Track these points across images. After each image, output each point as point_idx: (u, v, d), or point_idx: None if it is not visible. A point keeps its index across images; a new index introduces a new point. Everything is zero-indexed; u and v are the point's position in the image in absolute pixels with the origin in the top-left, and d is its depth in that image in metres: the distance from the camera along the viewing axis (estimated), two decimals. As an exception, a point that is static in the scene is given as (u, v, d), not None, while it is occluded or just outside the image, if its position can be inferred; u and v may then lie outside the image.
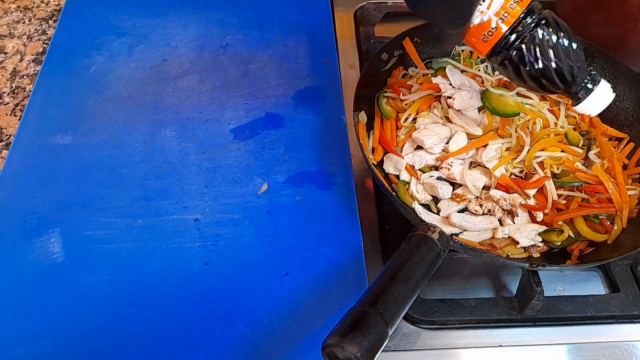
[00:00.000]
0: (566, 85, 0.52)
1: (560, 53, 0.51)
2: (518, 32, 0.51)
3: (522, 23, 0.51)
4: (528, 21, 0.50)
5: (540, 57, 0.51)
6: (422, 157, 0.69)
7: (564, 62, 0.51)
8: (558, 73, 0.51)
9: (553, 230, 0.64)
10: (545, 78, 0.52)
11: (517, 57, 0.51)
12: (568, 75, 0.51)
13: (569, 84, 0.52)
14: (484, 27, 0.51)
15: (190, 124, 0.78)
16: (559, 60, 0.51)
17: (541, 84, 0.53)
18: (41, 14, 0.97)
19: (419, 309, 0.60)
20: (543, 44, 0.50)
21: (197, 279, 0.62)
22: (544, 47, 0.50)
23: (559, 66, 0.51)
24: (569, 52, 0.51)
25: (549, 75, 0.51)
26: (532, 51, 0.51)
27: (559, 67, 0.51)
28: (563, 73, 0.51)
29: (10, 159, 0.72)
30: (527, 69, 0.52)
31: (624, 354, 0.60)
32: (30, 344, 0.57)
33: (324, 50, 0.89)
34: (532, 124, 0.71)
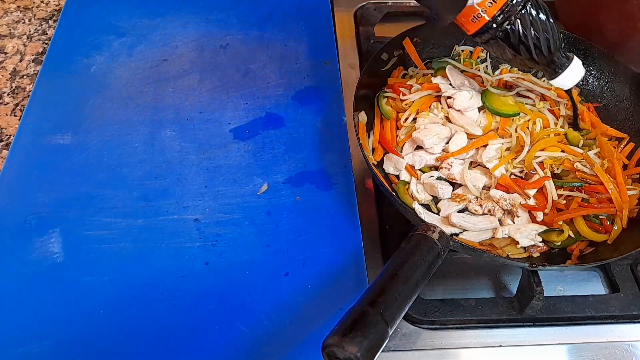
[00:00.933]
0: (543, 59, 0.58)
1: (540, 29, 0.56)
2: (505, 12, 0.55)
3: (509, 4, 0.55)
4: (514, 2, 0.55)
5: (522, 34, 0.56)
6: (422, 157, 0.69)
7: (543, 37, 0.57)
8: (537, 47, 0.57)
9: (553, 230, 0.64)
10: (526, 52, 0.58)
11: (502, 35, 0.57)
12: (545, 50, 0.57)
13: (546, 58, 0.58)
14: (475, 9, 0.56)
15: (190, 124, 0.78)
16: (538, 35, 0.56)
17: (522, 58, 0.59)
18: (41, 14, 0.97)
19: (419, 309, 0.60)
20: (526, 22, 0.56)
21: (197, 279, 0.62)
22: (526, 24, 0.56)
23: (539, 40, 0.57)
24: (547, 29, 0.56)
25: (530, 50, 0.57)
26: (516, 29, 0.56)
27: (538, 42, 0.57)
28: (541, 47, 0.57)
29: (10, 159, 0.72)
30: (511, 45, 0.57)
31: (623, 354, 0.60)
32: (30, 344, 0.57)
33: (324, 50, 0.89)
34: (532, 124, 0.71)
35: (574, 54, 0.61)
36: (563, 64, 0.60)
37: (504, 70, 0.81)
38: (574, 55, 0.61)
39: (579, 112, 0.75)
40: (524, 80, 0.76)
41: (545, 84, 0.78)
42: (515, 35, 0.56)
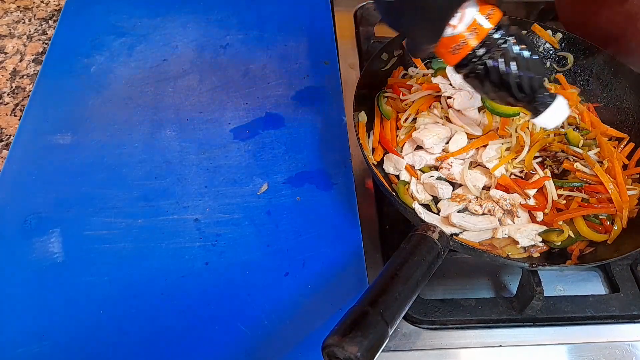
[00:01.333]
0: (526, 97, 0.55)
1: (523, 66, 0.53)
2: (487, 46, 0.52)
3: (491, 38, 0.52)
4: (496, 36, 0.52)
5: (504, 70, 0.53)
6: (422, 157, 0.69)
7: (525, 75, 0.53)
8: (519, 85, 0.53)
9: (553, 230, 0.64)
10: (507, 90, 0.54)
11: (483, 69, 0.53)
12: (528, 87, 0.54)
13: (529, 96, 0.55)
14: (455, 39, 0.53)
15: (190, 124, 0.78)
16: (521, 73, 0.53)
17: (504, 95, 0.55)
18: (41, 14, 0.97)
19: (419, 309, 0.60)
20: (508, 58, 0.52)
21: (197, 279, 0.62)
22: (508, 60, 0.52)
23: (521, 78, 0.53)
24: (530, 65, 0.53)
25: (512, 87, 0.54)
26: (498, 64, 0.53)
27: (521, 80, 0.53)
28: (523, 85, 0.53)
29: (10, 159, 0.72)
30: (492, 81, 0.54)
31: (623, 354, 0.60)
32: (30, 344, 0.57)
33: (324, 50, 0.89)
34: (532, 124, 0.71)
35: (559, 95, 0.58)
36: (546, 103, 0.56)
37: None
38: (557, 94, 0.57)
39: (578, 112, 0.75)
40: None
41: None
42: (496, 71, 0.53)
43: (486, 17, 0.52)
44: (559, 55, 0.82)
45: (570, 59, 0.81)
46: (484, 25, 0.52)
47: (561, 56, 0.81)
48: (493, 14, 0.52)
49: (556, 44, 0.81)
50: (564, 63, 0.81)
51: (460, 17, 0.51)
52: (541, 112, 0.56)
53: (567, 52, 0.81)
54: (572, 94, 0.77)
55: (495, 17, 0.52)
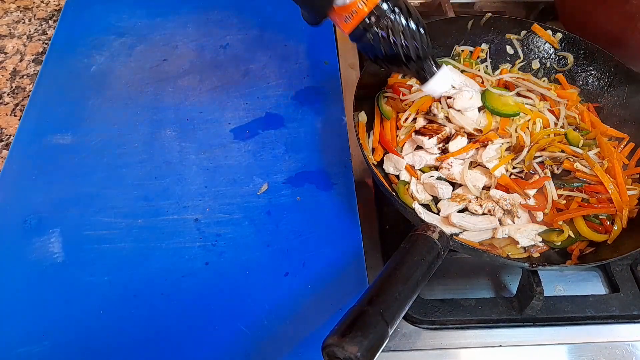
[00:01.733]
0: (413, 65, 0.61)
1: (409, 36, 0.59)
2: (376, 15, 0.58)
3: (380, 8, 0.58)
4: (384, 7, 0.58)
5: (392, 39, 0.58)
6: (422, 157, 0.69)
7: (411, 44, 0.59)
8: (405, 54, 0.59)
9: (553, 230, 0.64)
10: (395, 58, 0.60)
11: (374, 38, 0.59)
12: (414, 55, 0.60)
13: (416, 64, 0.61)
14: (346, 9, 0.58)
15: (190, 124, 0.78)
16: (407, 42, 0.59)
17: (393, 63, 0.61)
18: (41, 14, 0.97)
19: (419, 309, 0.60)
20: (395, 27, 0.58)
21: (197, 279, 0.62)
22: (395, 30, 0.58)
23: (407, 47, 0.59)
24: (416, 36, 0.59)
25: (399, 56, 0.60)
26: (386, 33, 0.58)
27: (407, 48, 0.59)
28: (410, 54, 0.59)
29: (10, 159, 0.72)
30: (382, 49, 0.59)
31: (623, 354, 0.60)
32: (30, 344, 0.57)
33: (324, 50, 0.89)
34: (532, 124, 0.71)
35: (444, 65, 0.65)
36: (432, 71, 0.63)
37: (504, 70, 0.81)
38: (444, 65, 0.64)
39: (578, 112, 0.75)
40: (524, 81, 0.77)
41: (545, 84, 0.79)
42: (386, 41, 0.58)
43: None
44: (559, 55, 0.82)
45: (570, 59, 0.81)
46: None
47: (561, 56, 0.82)
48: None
49: (556, 44, 0.81)
50: (564, 63, 0.81)
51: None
52: (428, 80, 0.63)
53: (567, 52, 0.81)
54: (572, 94, 0.77)
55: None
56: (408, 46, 0.59)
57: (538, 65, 0.83)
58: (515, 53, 0.83)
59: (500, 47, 0.83)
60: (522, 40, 0.83)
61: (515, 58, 0.83)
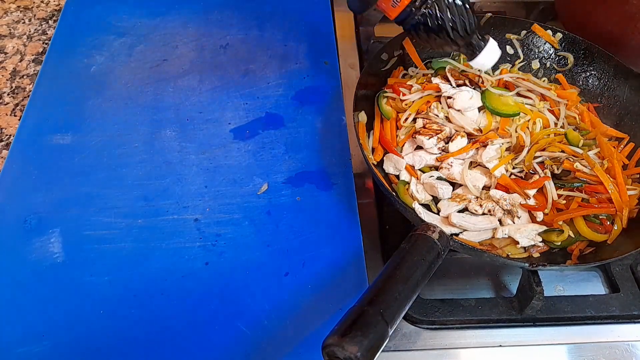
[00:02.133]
0: (461, 41, 0.62)
1: (456, 13, 0.60)
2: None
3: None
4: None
5: (440, 17, 0.60)
6: (422, 157, 0.69)
7: (459, 20, 0.61)
8: (454, 30, 0.61)
9: (553, 230, 0.64)
10: (445, 34, 0.62)
11: (421, 19, 0.61)
12: (462, 32, 0.61)
13: (463, 40, 0.62)
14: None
15: (190, 124, 0.78)
16: (454, 18, 0.60)
17: (441, 41, 0.63)
18: (41, 14, 0.97)
19: (419, 309, 0.60)
20: (442, 7, 0.60)
21: (197, 279, 0.62)
22: (442, 8, 0.60)
23: (455, 23, 0.61)
24: (463, 12, 0.61)
25: (447, 32, 0.61)
26: (434, 12, 0.60)
27: (455, 25, 0.61)
28: (458, 30, 0.61)
29: (10, 159, 0.72)
30: (430, 26, 0.61)
31: (623, 354, 0.60)
32: (30, 344, 0.57)
33: (324, 50, 0.89)
34: (532, 124, 0.71)
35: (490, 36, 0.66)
36: (480, 45, 0.64)
37: (504, 70, 0.81)
38: (490, 37, 0.66)
39: (578, 112, 0.75)
40: (524, 81, 0.77)
41: (545, 84, 0.79)
42: (433, 19, 0.60)
43: None
44: (559, 55, 0.82)
45: (570, 59, 0.81)
46: None
47: (561, 56, 0.82)
48: None
49: (556, 44, 0.81)
50: (564, 63, 0.81)
51: None
52: (477, 54, 0.64)
53: (567, 52, 0.81)
54: (572, 94, 0.77)
55: None
56: (456, 22, 0.60)
57: (538, 65, 0.83)
58: (515, 53, 0.83)
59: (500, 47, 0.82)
60: (522, 40, 0.83)
61: (515, 58, 0.83)
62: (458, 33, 0.61)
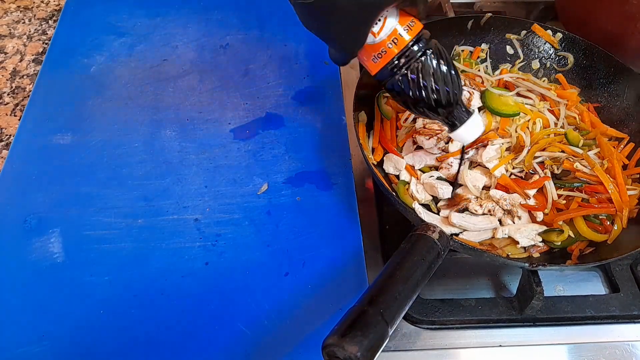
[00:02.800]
0: (442, 111, 0.56)
1: (440, 80, 0.54)
2: (406, 57, 0.53)
3: (410, 50, 0.53)
4: (415, 49, 0.53)
5: (422, 83, 0.53)
6: (422, 157, 0.69)
7: (442, 89, 0.54)
8: (436, 99, 0.54)
9: (553, 230, 0.64)
10: (425, 103, 0.55)
11: (403, 81, 0.54)
12: (445, 101, 0.54)
13: (446, 111, 0.55)
14: (375, 48, 0.54)
15: (190, 124, 0.78)
16: (438, 87, 0.54)
17: (421, 108, 0.56)
18: (41, 14, 0.97)
19: (419, 309, 0.60)
20: (426, 71, 0.53)
21: (197, 279, 0.62)
22: (426, 73, 0.53)
23: (438, 92, 0.54)
24: (447, 80, 0.54)
25: (428, 101, 0.54)
26: (416, 77, 0.53)
27: (438, 93, 0.54)
28: (441, 99, 0.54)
29: (10, 159, 0.72)
30: (410, 93, 0.54)
31: (623, 354, 0.60)
32: (30, 344, 0.57)
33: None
34: (532, 124, 0.71)
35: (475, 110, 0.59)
36: (462, 118, 0.57)
37: (504, 70, 0.81)
38: (475, 110, 0.59)
39: (578, 112, 0.75)
40: (524, 81, 0.76)
41: (545, 84, 0.79)
42: (415, 84, 0.54)
43: (406, 29, 0.53)
44: (559, 55, 0.82)
45: (570, 59, 0.81)
46: (404, 36, 0.53)
47: (561, 56, 0.81)
48: (414, 26, 0.53)
49: (556, 44, 0.81)
50: (564, 63, 0.81)
51: (381, 26, 0.52)
52: (458, 127, 0.57)
53: (567, 52, 0.81)
54: (572, 94, 0.77)
55: (415, 29, 0.53)
56: (439, 90, 0.54)
57: (538, 65, 0.83)
58: (515, 53, 0.83)
59: (500, 47, 0.83)
60: (522, 40, 0.83)
61: (515, 58, 0.83)
62: (440, 103, 0.54)
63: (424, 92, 0.54)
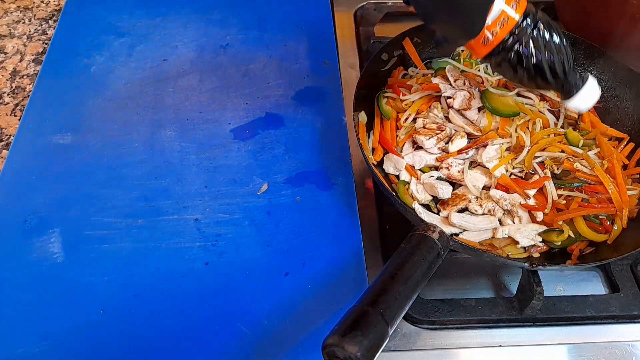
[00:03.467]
0: (558, 81, 0.56)
1: (554, 51, 0.54)
2: (515, 35, 0.54)
3: (519, 27, 0.53)
4: (524, 25, 0.53)
5: (535, 56, 0.54)
6: (422, 157, 0.69)
7: (557, 59, 0.55)
8: (551, 70, 0.55)
9: (553, 230, 0.64)
10: (540, 75, 0.55)
11: (514, 57, 0.54)
12: (560, 71, 0.55)
13: (561, 80, 0.56)
14: (484, 32, 0.54)
15: (190, 124, 0.78)
16: (552, 57, 0.54)
17: (536, 81, 0.56)
18: (41, 14, 0.97)
19: (419, 309, 0.60)
20: (539, 44, 0.54)
21: (197, 279, 0.62)
22: (539, 46, 0.54)
23: (553, 63, 0.55)
24: (561, 50, 0.55)
25: (544, 72, 0.55)
26: (529, 51, 0.54)
27: (552, 64, 0.55)
28: (556, 69, 0.55)
29: (10, 159, 0.72)
30: (524, 67, 0.55)
31: (623, 354, 0.60)
32: (30, 344, 0.57)
33: (324, 50, 0.89)
34: (532, 124, 0.71)
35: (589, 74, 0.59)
36: (578, 84, 0.57)
37: (504, 70, 0.81)
38: (589, 74, 0.58)
39: (579, 112, 0.75)
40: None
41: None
42: (528, 58, 0.54)
43: (513, 7, 0.53)
44: (559, 55, 0.82)
45: (570, 59, 0.81)
46: (512, 16, 0.53)
47: (561, 56, 0.81)
48: (520, 3, 0.53)
49: (556, 44, 0.81)
50: (564, 63, 0.81)
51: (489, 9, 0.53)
52: (573, 96, 0.57)
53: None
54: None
55: (521, 5, 0.53)
56: (553, 61, 0.54)
57: (538, 65, 0.82)
58: (516, 53, 0.83)
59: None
60: (522, 40, 0.83)
61: (516, 58, 0.83)
62: (555, 74, 0.55)
63: (539, 65, 0.54)
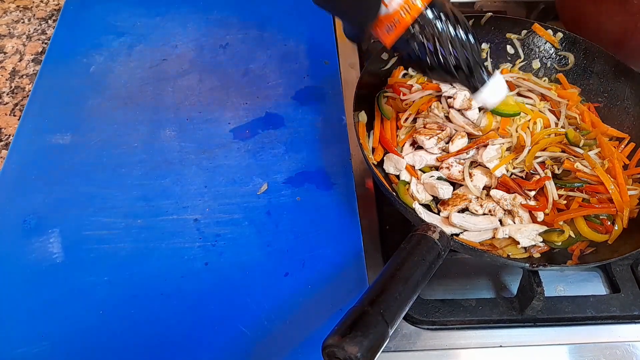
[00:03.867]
0: (463, 75, 0.55)
1: (458, 45, 0.53)
2: (420, 24, 0.53)
3: (424, 16, 0.52)
4: (429, 15, 0.52)
5: (439, 49, 0.53)
6: (422, 157, 0.69)
7: (461, 53, 0.53)
8: (455, 64, 0.54)
9: (554, 230, 0.64)
10: (444, 69, 0.54)
11: (419, 49, 0.53)
12: (464, 66, 0.54)
13: (466, 75, 0.55)
14: (388, 18, 0.53)
15: (190, 124, 0.78)
16: (456, 51, 0.53)
17: (441, 74, 0.55)
18: (41, 13, 0.97)
19: (419, 309, 0.60)
20: (442, 37, 0.53)
21: (197, 279, 0.62)
22: (443, 39, 0.53)
23: (457, 57, 0.53)
24: (466, 45, 0.53)
25: (447, 66, 0.54)
26: (432, 43, 0.53)
27: (457, 58, 0.53)
28: (460, 64, 0.54)
29: (10, 159, 0.72)
30: (428, 60, 0.54)
31: (624, 354, 0.60)
32: (29, 344, 0.56)
33: (324, 50, 0.89)
34: (532, 124, 0.71)
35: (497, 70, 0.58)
36: (483, 80, 0.56)
37: (504, 70, 0.81)
38: (497, 71, 0.57)
39: (579, 112, 0.75)
40: (525, 80, 0.76)
41: (545, 84, 0.78)
42: (432, 52, 0.53)
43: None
44: (559, 54, 0.82)
45: (570, 58, 0.81)
46: (416, 3, 0.52)
47: (562, 56, 0.81)
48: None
49: (557, 44, 0.81)
50: (565, 63, 0.81)
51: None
52: (479, 90, 0.56)
53: (567, 52, 0.81)
54: (573, 94, 0.77)
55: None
56: (457, 56, 0.53)
57: (539, 65, 0.83)
58: (516, 53, 0.83)
59: (501, 46, 0.83)
60: (522, 40, 0.83)
61: (516, 58, 0.83)
62: (460, 68, 0.54)
63: (441, 59, 0.53)
